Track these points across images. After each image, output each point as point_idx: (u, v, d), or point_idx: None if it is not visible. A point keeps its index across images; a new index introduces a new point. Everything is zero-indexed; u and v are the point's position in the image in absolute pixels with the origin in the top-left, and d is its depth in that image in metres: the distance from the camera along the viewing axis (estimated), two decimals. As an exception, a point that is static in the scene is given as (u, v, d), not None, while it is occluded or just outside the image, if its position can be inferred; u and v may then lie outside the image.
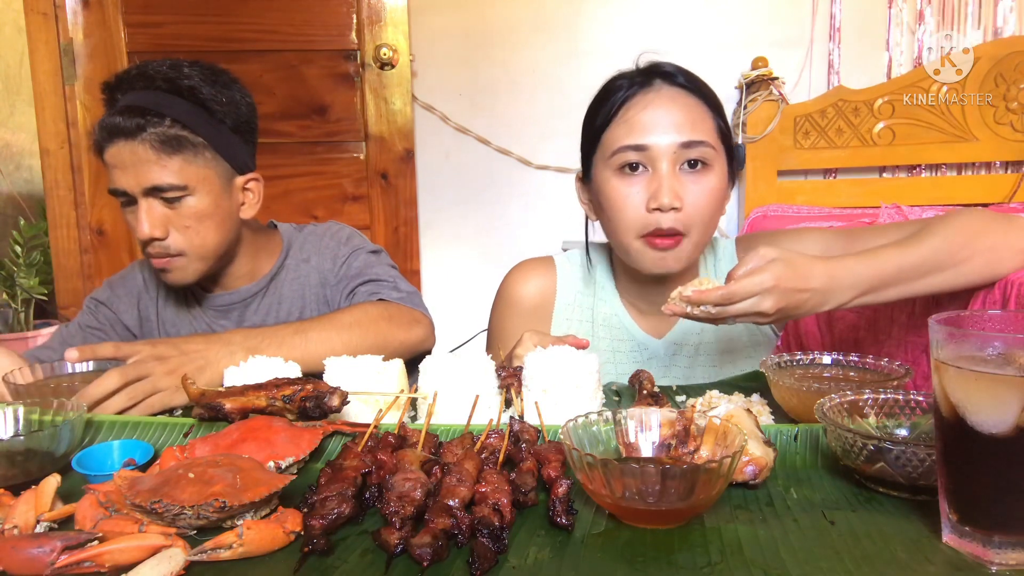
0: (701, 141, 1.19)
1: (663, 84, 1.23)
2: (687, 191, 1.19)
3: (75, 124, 2.60)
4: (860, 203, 2.83)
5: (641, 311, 1.39)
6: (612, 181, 1.23)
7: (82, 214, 2.65)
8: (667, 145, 1.18)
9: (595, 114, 1.27)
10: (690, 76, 1.25)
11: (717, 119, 1.24)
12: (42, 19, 2.54)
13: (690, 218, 1.20)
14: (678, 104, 1.21)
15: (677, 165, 1.19)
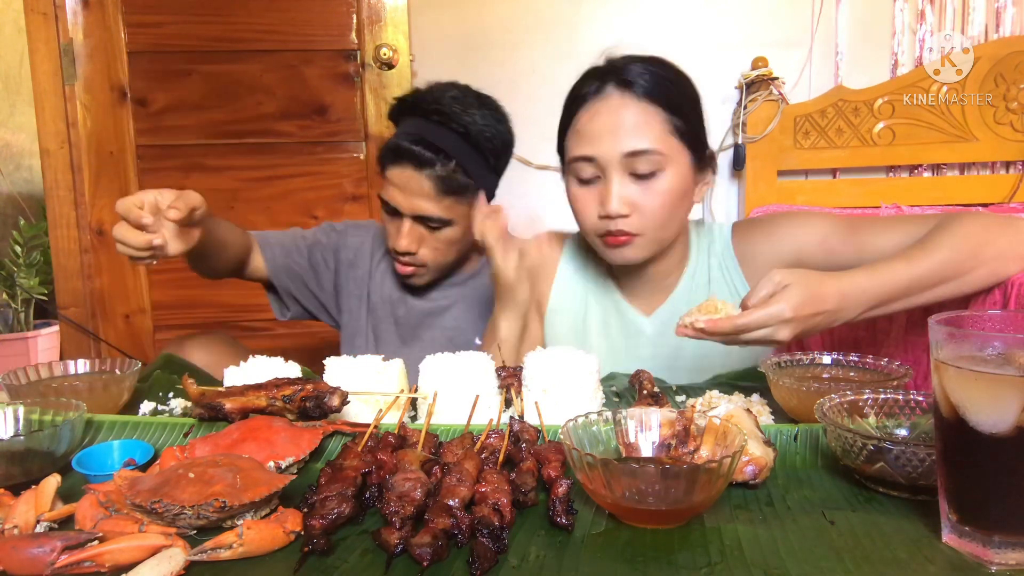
0: (646, 150, 1.21)
1: (614, 90, 1.24)
2: (637, 197, 1.23)
3: (75, 124, 2.60)
4: (860, 203, 2.83)
5: (631, 290, 1.42)
6: (572, 187, 1.31)
7: (82, 214, 2.65)
8: (614, 155, 1.22)
9: (565, 110, 1.32)
10: (646, 76, 1.24)
11: (673, 119, 1.23)
12: (42, 19, 2.54)
13: (641, 222, 1.24)
14: (625, 112, 1.22)
15: (626, 173, 1.22)
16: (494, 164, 1.58)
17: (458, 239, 1.57)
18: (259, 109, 2.67)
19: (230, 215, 2.71)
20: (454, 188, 1.48)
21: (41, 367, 1.16)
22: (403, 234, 1.52)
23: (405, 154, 1.46)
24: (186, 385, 0.99)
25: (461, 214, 1.53)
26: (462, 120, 1.50)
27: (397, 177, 1.49)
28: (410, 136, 1.47)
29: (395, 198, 1.50)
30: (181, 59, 2.64)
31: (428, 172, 1.46)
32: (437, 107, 1.50)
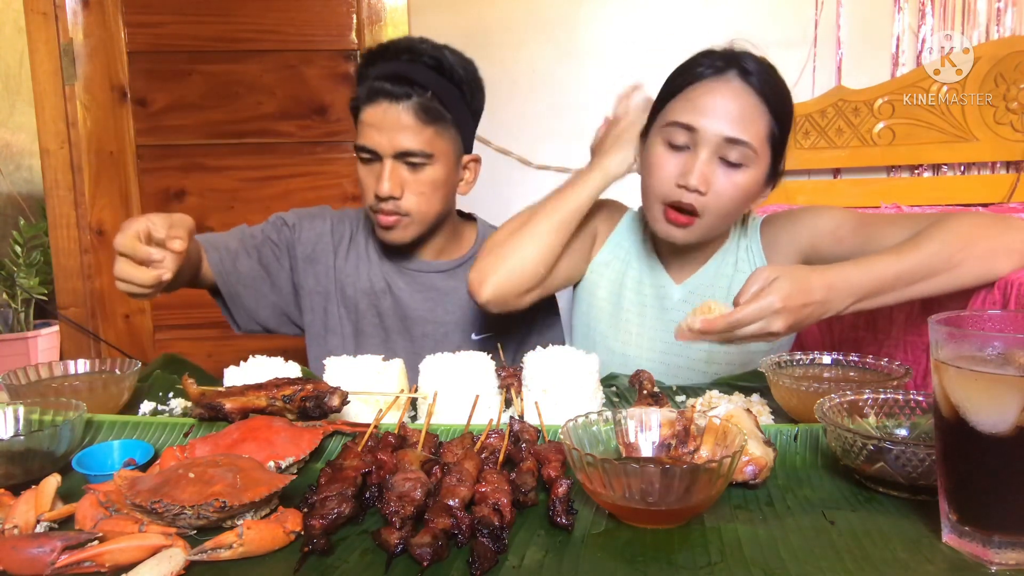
0: (744, 141, 1.24)
1: (735, 77, 1.27)
2: (716, 180, 1.26)
3: (75, 124, 2.60)
4: (860, 203, 2.83)
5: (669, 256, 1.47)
6: (658, 148, 1.31)
7: (82, 214, 2.65)
8: (713, 133, 1.24)
9: (671, 81, 1.34)
10: (766, 76, 1.28)
11: (773, 124, 1.28)
12: (42, 19, 2.54)
13: (709, 204, 1.27)
14: (738, 100, 1.26)
15: (716, 155, 1.26)
16: (469, 100, 1.52)
17: (442, 181, 1.48)
18: (259, 109, 2.67)
19: (230, 215, 2.71)
20: (434, 117, 1.43)
21: (41, 367, 1.16)
22: (384, 177, 1.43)
23: (380, 92, 1.42)
24: (186, 385, 0.99)
25: (442, 151, 1.46)
26: (433, 55, 1.47)
27: (373, 116, 1.43)
28: (383, 75, 1.43)
29: (373, 138, 1.43)
30: (181, 59, 2.64)
31: (405, 104, 1.41)
32: (407, 46, 1.48)
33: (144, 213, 2.41)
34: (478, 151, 1.60)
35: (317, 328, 1.61)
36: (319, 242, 1.63)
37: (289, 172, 2.71)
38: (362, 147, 1.45)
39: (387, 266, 1.61)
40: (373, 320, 1.61)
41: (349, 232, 1.65)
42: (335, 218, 1.66)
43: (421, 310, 1.60)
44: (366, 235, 1.64)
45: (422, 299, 1.60)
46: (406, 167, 1.44)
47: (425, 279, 1.61)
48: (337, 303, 1.61)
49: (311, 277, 1.61)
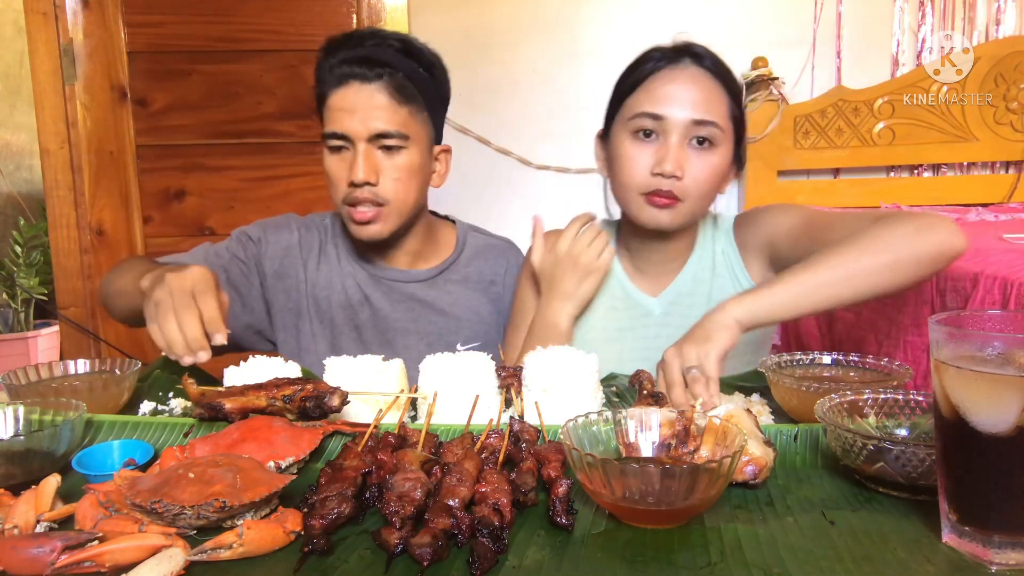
0: (711, 121, 1.27)
1: (690, 63, 1.31)
2: (690, 164, 1.28)
3: (75, 124, 2.60)
4: (860, 203, 2.83)
5: (640, 269, 1.46)
6: (626, 142, 1.32)
7: (82, 214, 2.65)
8: (680, 119, 1.27)
9: (624, 80, 1.36)
10: (716, 60, 1.33)
11: (732, 105, 1.32)
12: (42, 19, 2.54)
13: (688, 188, 1.28)
14: (698, 84, 1.29)
15: (686, 139, 1.28)
16: (438, 83, 1.48)
17: (417, 167, 1.42)
18: (259, 109, 2.67)
19: (230, 215, 2.71)
20: (407, 95, 1.39)
21: (41, 367, 1.16)
22: (359, 163, 1.36)
23: (350, 75, 1.37)
24: (186, 385, 0.99)
25: (417, 134, 1.42)
26: (399, 38, 1.45)
27: (343, 99, 1.37)
28: (351, 60, 1.38)
29: (343, 122, 1.37)
30: (181, 59, 2.64)
31: (378, 84, 1.37)
32: (371, 32, 1.46)
33: (144, 213, 2.40)
34: (478, 150, 1.59)
35: (290, 347, 1.54)
36: (287, 255, 1.55)
37: (289, 172, 2.71)
38: (332, 133, 1.39)
39: (361, 275, 1.54)
40: (351, 335, 1.54)
41: (318, 241, 1.57)
42: (302, 227, 1.59)
43: (402, 321, 1.54)
44: (336, 243, 1.57)
45: (403, 310, 1.54)
46: (380, 152, 1.39)
47: (404, 289, 1.54)
48: (310, 319, 1.54)
49: (281, 293, 1.54)
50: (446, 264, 1.57)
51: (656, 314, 1.43)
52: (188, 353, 1.03)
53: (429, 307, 1.55)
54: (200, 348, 1.03)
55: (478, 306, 1.58)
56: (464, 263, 1.59)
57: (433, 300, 1.55)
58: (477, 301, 1.58)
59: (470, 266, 1.59)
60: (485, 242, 1.64)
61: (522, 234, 2.17)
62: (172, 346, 1.04)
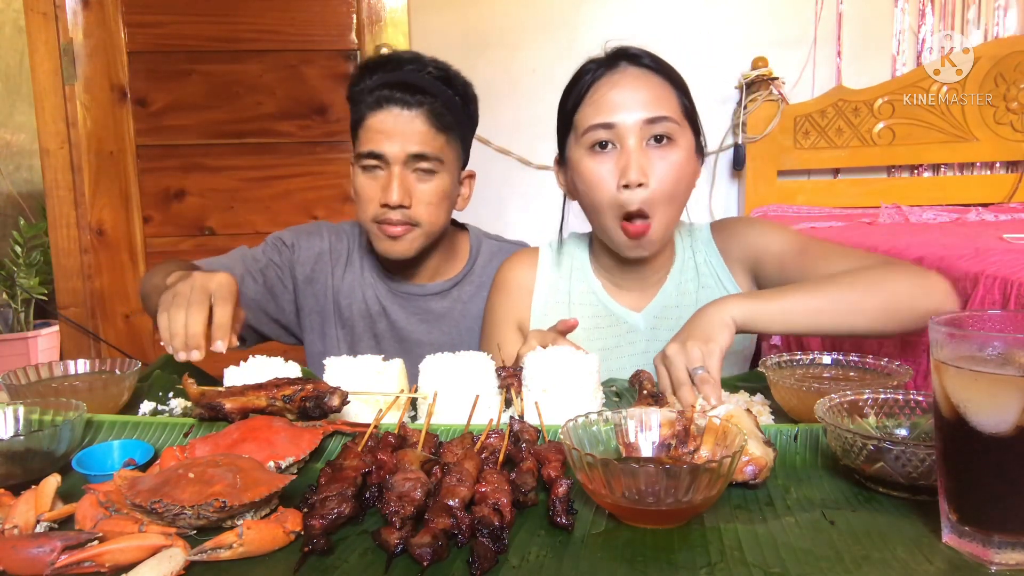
0: (665, 116, 1.25)
1: (628, 65, 1.29)
2: (653, 166, 1.24)
3: (75, 124, 2.60)
4: (860, 203, 2.84)
5: (619, 286, 1.43)
6: (584, 160, 1.29)
7: (82, 214, 2.66)
8: (633, 122, 1.24)
9: (567, 97, 1.35)
10: (654, 57, 1.31)
11: (681, 97, 1.30)
12: (42, 19, 2.54)
13: (656, 195, 1.25)
14: (642, 82, 1.27)
15: (644, 141, 1.25)
16: (470, 112, 1.53)
17: (447, 192, 1.47)
18: (259, 109, 2.68)
19: (230, 215, 2.72)
20: (445, 124, 1.43)
21: (41, 367, 1.16)
22: (394, 185, 1.40)
23: (390, 99, 1.41)
24: (186, 385, 0.99)
25: (450, 160, 1.46)
26: (439, 66, 1.48)
27: (382, 123, 1.41)
28: (391, 83, 1.42)
29: (381, 143, 1.40)
30: (181, 59, 2.64)
31: (418, 111, 1.41)
32: (412, 57, 1.48)
33: (144, 213, 2.39)
34: (478, 150, 1.60)
35: (316, 348, 1.60)
36: (318, 261, 1.61)
37: (289, 172, 2.71)
38: (369, 153, 1.42)
39: (381, 288, 1.60)
40: (369, 342, 1.59)
41: (346, 249, 1.63)
42: (332, 235, 1.64)
43: (418, 333, 1.59)
44: (361, 253, 1.62)
45: (418, 322, 1.59)
46: (415, 176, 1.42)
47: (420, 302, 1.59)
48: (335, 324, 1.59)
49: (310, 297, 1.60)
50: (460, 276, 1.61)
51: (642, 329, 1.40)
52: (184, 348, 1.04)
53: (443, 318, 1.59)
54: (196, 346, 1.04)
55: None
56: (478, 272, 1.62)
57: (447, 312, 1.59)
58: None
59: (484, 275, 1.61)
60: (499, 247, 1.67)
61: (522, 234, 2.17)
62: (172, 338, 1.04)
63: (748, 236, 1.38)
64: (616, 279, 1.43)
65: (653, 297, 1.41)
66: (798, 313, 1.10)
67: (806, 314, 1.10)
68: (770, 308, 1.09)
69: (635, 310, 1.41)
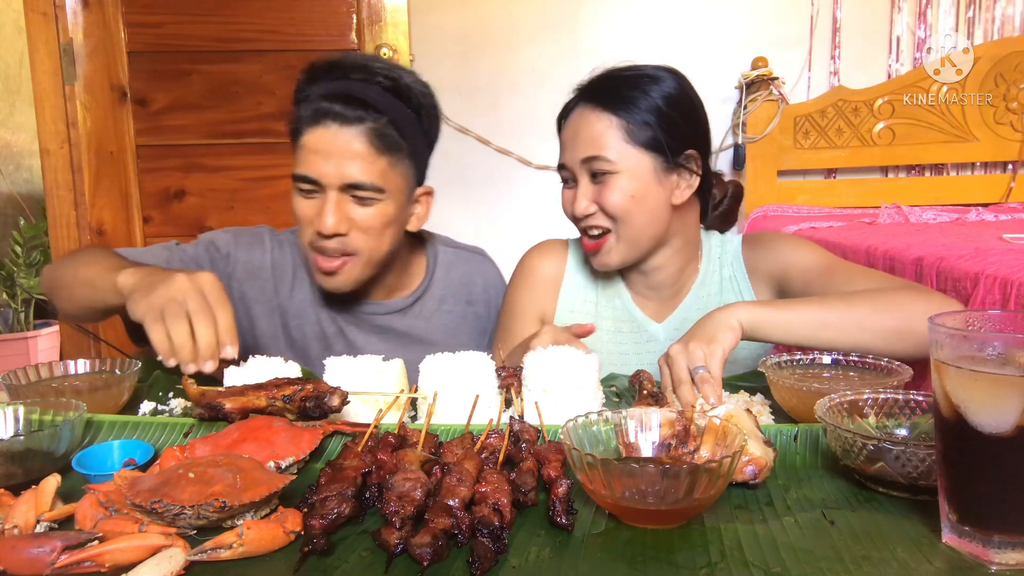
0: (595, 156, 1.29)
1: (583, 105, 1.33)
2: (600, 197, 1.30)
3: (75, 124, 2.60)
4: (860, 203, 2.84)
5: (643, 295, 1.45)
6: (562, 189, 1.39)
7: (82, 214, 2.65)
8: (575, 161, 1.32)
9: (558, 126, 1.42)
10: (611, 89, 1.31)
11: (631, 128, 1.28)
12: (42, 19, 2.54)
13: (605, 219, 1.31)
14: (585, 122, 1.32)
15: (589, 176, 1.32)
16: (426, 128, 1.37)
17: (392, 218, 1.31)
18: (259, 109, 2.67)
19: (230, 215, 2.72)
20: (388, 146, 1.27)
21: (41, 367, 1.16)
22: (328, 211, 1.25)
23: (328, 114, 1.25)
24: (186, 385, 0.99)
25: (395, 186, 1.30)
26: (389, 75, 1.30)
27: (318, 141, 1.25)
28: (332, 94, 1.26)
29: (316, 166, 1.25)
30: (181, 59, 2.64)
31: (357, 128, 1.25)
32: (360, 63, 1.32)
33: (144, 214, 2.36)
34: (478, 150, 1.59)
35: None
36: (256, 278, 1.43)
37: (289, 172, 2.69)
38: (303, 176, 1.28)
39: (335, 307, 1.45)
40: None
41: (291, 264, 1.46)
42: (276, 245, 1.46)
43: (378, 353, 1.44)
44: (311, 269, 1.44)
45: (378, 341, 1.46)
46: (353, 201, 1.28)
47: (378, 321, 1.46)
48: (285, 349, 1.44)
49: (247, 320, 1.42)
50: (420, 291, 1.50)
51: (661, 339, 1.42)
52: (194, 361, 0.98)
53: (405, 337, 1.48)
54: (211, 356, 0.98)
55: (456, 329, 1.53)
56: (437, 285, 1.53)
57: (409, 329, 1.49)
58: (455, 324, 1.53)
59: (444, 288, 1.53)
60: (456, 256, 1.58)
61: (522, 234, 2.18)
62: (179, 351, 0.98)
63: (779, 251, 1.39)
64: (639, 288, 1.45)
65: (674, 309, 1.43)
66: (804, 324, 1.10)
67: (812, 326, 1.10)
68: (776, 316, 1.09)
69: (656, 320, 1.44)
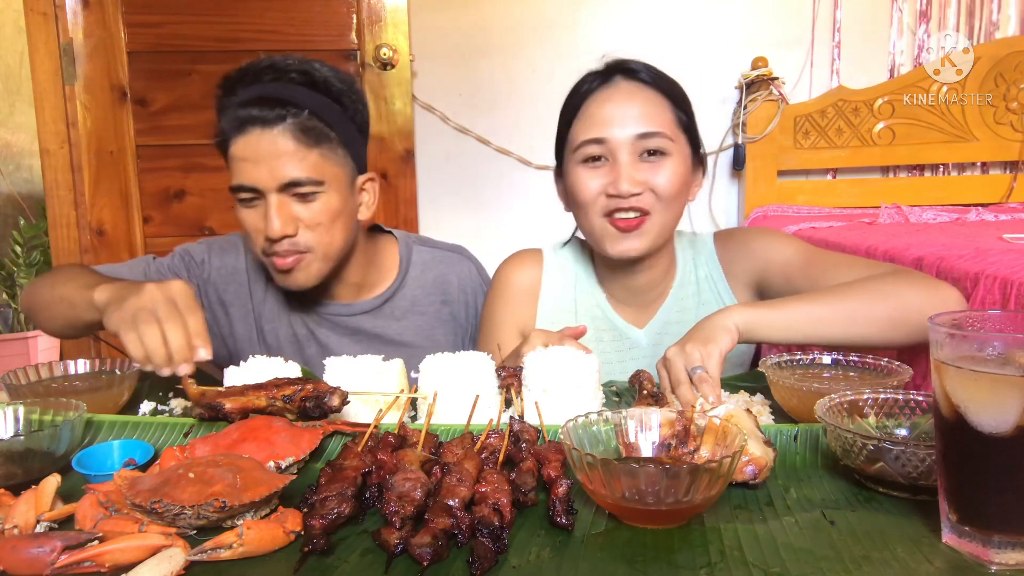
0: (657, 132, 1.24)
1: (622, 79, 1.29)
2: (646, 178, 1.24)
3: (75, 124, 2.60)
4: (860, 203, 2.84)
5: (622, 301, 1.42)
6: (577, 171, 1.29)
7: (82, 214, 2.65)
8: (625, 137, 1.24)
9: (564, 111, 1.34)
10: (651, 70, 1.30)
11: (677, 111, 1.29)
12: (42, 19, 2.54)
13: (653, 198, 1.25)
14: (636, 98, 1.26)
15: (636, 155, 1.25)
16: (352, 113, 1.35)
17: (338, 210, 1.30)
18: (259, 109, 2.67)
19: (230, 215, 2.70)
20: (316, 138, 1.27)
21: (41, 367, 1.16)
22: (272, 215, 1.25)
23: (248, 120, 1.25)
24: (186, 385, 0.99)
25: (332, 176, 1.30)
26: (300, 68, 1.30)
27: (245, 148, 1.25)
28: (248, 100, 1.26)
29: (249, 173, 1.25)
30: (181, 59, 2.64)
31: (281, 128, 1.25)
32: (268, 64, 1.31)
33: (144, 213, 2.36)
34: (478, 150, 1.58)
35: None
36: (232, 281, 1.45)
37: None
38: (240, 186, 1.28)
39: (306, 310, 1.46)
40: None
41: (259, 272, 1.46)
42: (248, 251, 1.46)
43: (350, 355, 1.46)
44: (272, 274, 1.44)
45: (350, 343, 1.46)
46: (294, 200, 1.28)
47: (349, 322, 1.46)
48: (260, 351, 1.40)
49: (226, 323, 1.44)
50: (391, 291, 1.49)
51: (644, 345, 1.40)
52: (168, 365, 1.00)
53: (377, 339, 1.47)
54: (184, 359, 1.00)
55: (431, 330, 1.51)
56: (411, 285, 1.51)
57: (381, 331, 1.48)
58: (429, 325, 1.51)
59: (417, 288, 1.51)
60: (432, 256, 1.55)
61: (522, 234, 2.20)
62: (153, 356, 1.00)
63: (753, 248, 1.36)
64: (618, 294, 1.41)
65: (655, 313, 1.40)
66: (801, 322, 1.09)
67: (810, 323, 1.09)
68: (773, 316, 1.09)
69: (637, 326, 1.41)
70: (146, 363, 1.02)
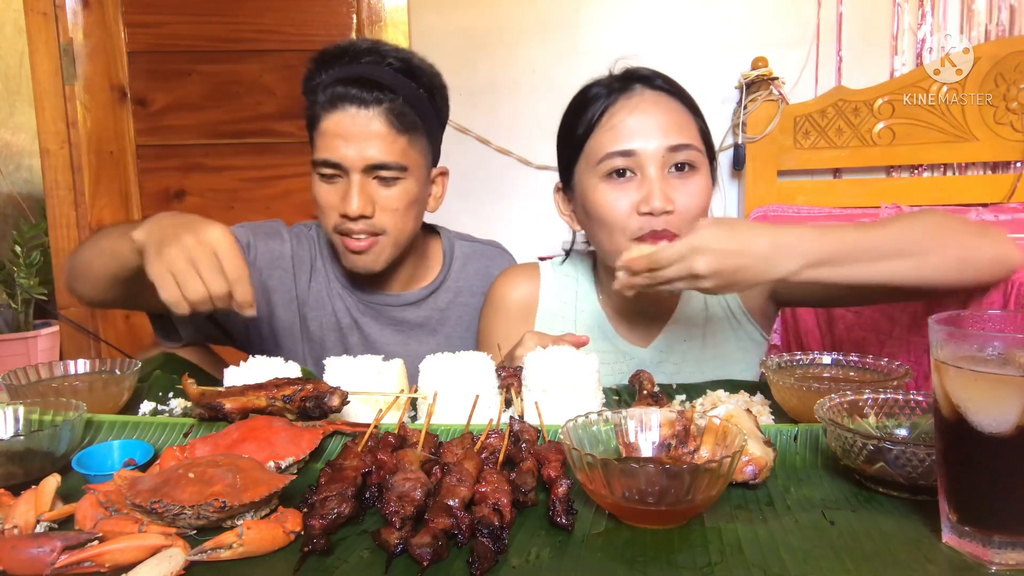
0: (688, 144, 1.19)
1: (644, 88, 1.22)
2: (677, 194, 1.18)
3: (75, 124, 2.60)
4: (860, 203, 2.83)
5: (626, 319, 1.36)
6: (600, 187, 1.21)
7: (82, 214, 2.65)
8: (655, 149, 1.17)
9: (575, 122, 1.26)
10: (668, 80, 1.25)
11: (699, 121, 1.25)
12: (42, 19, 2.54)
13: (681, 220, 1.18)
14: (662, 108, 1.21)
15: (665, 169, 1.18)
16: (439, 106, 1.40)
17: (415, 197, 1.34)
18: (259, 109, 2.68)
19: (230, 215, 2.71)
20: (406, 125, 1.29)
21: (41, 367, 1.16)
22: (353, 193, 1.28)
23: (345, 97, 1.27)
24: (186, 385, 0.99)
25: (415, 163, 1.33)
26: (400, 56, 1.34)
27: (338, 125, 1.27)
28: (347, 78, 1.28)
29: (338, 150, 1.27)
30: (181, 59, 2.64)
31: (376, 110, 1.27)
32: (370, 47, 1.34)
33: (144, 213, 2.36)
34: (478, 150, 1.58)
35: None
36: (277, 267, 1.46)
37: (289, 172, 2.71)
38: (324, 161, 1.30)
39: (351, 299, 1.48)
40: None
41: (309, 256, 1.49)
42: (293, 238, 1.50)
43: (392, 345, 1.47)
44: (326, 261, 1.49)
45: (392, 333, 1.48)
46: (376, 182, 1.31)
47: (394, 313, 1.48)
48: (301, 340, 1.46)
49: (267, 309, 1.44)
50: (436, 283, 1.51)
51: (648, 363, 1.34)
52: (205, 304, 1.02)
53: (420, 328, 1.49)
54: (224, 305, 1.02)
55: (471, 321, 1.53)
56: (454, 278, 1.53)
57: (424, 321, 1.50)
58: (470, 316, 1.53)
59: (460, 280, 1.53)
60: (472, 249, 1.58)
61: (522, 234, 2.20)
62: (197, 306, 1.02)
63: None
64: (622, 313, 1.36)
65: (660, 332, 1.35)
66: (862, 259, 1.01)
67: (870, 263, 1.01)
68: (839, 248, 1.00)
69: (641, 345, 1.36)
70: (177, 304, 1.03)
